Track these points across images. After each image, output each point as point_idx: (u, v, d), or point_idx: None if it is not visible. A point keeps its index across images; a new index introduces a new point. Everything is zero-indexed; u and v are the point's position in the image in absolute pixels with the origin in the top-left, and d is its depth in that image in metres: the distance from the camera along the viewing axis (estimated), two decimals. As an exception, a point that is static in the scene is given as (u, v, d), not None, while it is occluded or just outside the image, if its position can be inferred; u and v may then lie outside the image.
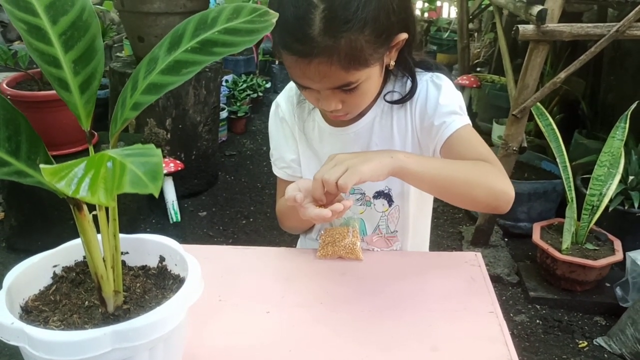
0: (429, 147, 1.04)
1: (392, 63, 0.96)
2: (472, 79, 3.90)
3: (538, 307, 2.20)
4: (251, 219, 2.78)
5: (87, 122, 0.62)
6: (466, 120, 1.01)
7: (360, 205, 1.10)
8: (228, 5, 0.61)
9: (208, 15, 0.61)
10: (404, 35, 0.92)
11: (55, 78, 0.60)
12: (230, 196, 3.01)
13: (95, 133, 2.45)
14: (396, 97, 1.03)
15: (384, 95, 1.04)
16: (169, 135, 2.67)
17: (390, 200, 1.09)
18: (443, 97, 1.01)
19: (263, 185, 3.09)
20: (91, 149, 0.64)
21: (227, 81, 3.85)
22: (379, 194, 1.09)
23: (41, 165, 0.48)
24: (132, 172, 0.41)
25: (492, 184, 0.95)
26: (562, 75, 2.08)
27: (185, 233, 2.63)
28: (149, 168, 0.41)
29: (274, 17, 0.60)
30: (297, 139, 1.13)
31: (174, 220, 2.70)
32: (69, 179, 0.45)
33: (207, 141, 2.92)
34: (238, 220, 2.78)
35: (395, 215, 1.11)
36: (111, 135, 0.63)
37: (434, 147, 1.02)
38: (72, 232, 2.21)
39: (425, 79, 1.03)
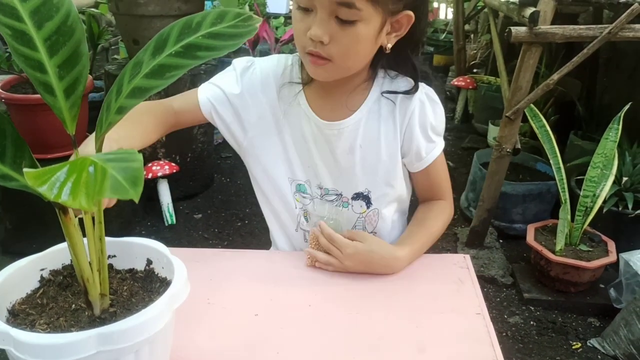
0: (407, 154, 1.06)
1: (389, 46, 0.95)
2: (469, 80, 3.91)
3: (532, 308, 2.20)
4: (246, 221, 2.79)
5: (72, 126, 0.63)
6: (443, 144, 1.11)
7: (337, 205, 1.09)
8: (213, 10, 0.62)
9: (193, 20, 0.61)
10: (409, 14, 0.92)
11: (41, 83, 0.61)
12: (226, 198, 3.01)
13: (89, 135, 2.46)
14: (389, 90, 1.03)
15: (382, 91, 1.03)
16: (164, 138, 2.67)
17: (369, 203, 1.09)
18: (438, 118, 1.07)
19: (259, 187, 3.10)
20: (76, 153, 0.64)
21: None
22: (358, 196, 1.08)
23: (24, 169, 0.48)
24: (112, 177, 0.42)
25: (446, 225, 1.14)
26: (555, 76, 2.09)
27: (181, 235, 2.64)
28: (130, 173, 0.42)
29: (257, 21, 0.61)
30: (262, 116, 1.06)
31: (170, 222, 2.71)
32: (50, 183, 0.46)
33: (203, 143, 2.93)
34: (233, 222, 2.78)
35: (373, 217, 1.11)
36: (96, 139, 0.63)
37: (410, 160, 1.07)
38: (64, 235, 2.12)
39: (420, 88, 1.03)
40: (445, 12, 6.24)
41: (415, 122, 1.03)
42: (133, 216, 2.69)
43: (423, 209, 1.13)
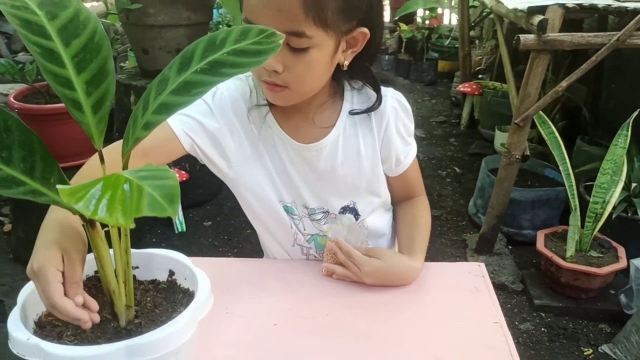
0: (387, 161, 1.07)
1: (346, 63, 0.93)
2: (474, 87, 3.92)
3: (543, 314, 2.20)
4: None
5: (100, 141, 0.64)
6: (415, 143, 1.11)
7: (325, 224, 1.08)
8: (236, 28, 0.63)
9: (217, 37, 0.62)
10: (364, 31, 0.90)
11: (69, 99, 0.62)
12: (235, 205, 2.99)
13: (101, 145, 2.48)
14: (357, 111, 1.02)
15: (351, 111, 1.02)
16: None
17: (356, 214, 1.09)
18: (410, 120, 1.07)
19: (267, 195, 3.11)
20: (103, 168, 0.65)
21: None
22: (345, 209, 1.08)
23: (58, 186, 0.50)
24: (149, 195, 0.43)
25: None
26: (564, 83, 2.10)
27: (191, 243, 2.65)
28: (166, 191, 0.43)
29: (280, 38, 0.62)
30: (240, 142, 1.02)
31: (180, 230, 2.72)
32: (86, 200, 0.47)
33: (212, 151, 2.94)
34: (243, 229, 2.79)
35: (363, 227, 1.10)
36: (123, 155, 0.64)
37: (389, 166, 1.08)
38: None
39: (389, 94, 1.03)
40: (449, 18, 6.25)
41: (392, 130, 1.03)
42: (143, 224, 2.71)
43: (409, 210, 1.14)
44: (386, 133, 1.03)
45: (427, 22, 5.57)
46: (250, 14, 0.85)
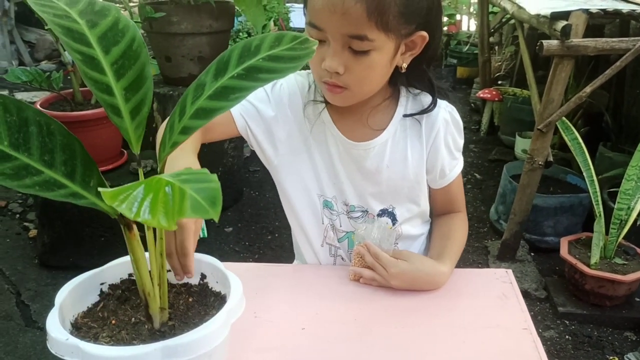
0: (431, 172, 1.08)
1: (404, 66, 0.96)
2: (494, 93, 3.90)
3: (567, 322, 2.18)
4: (276, 234, 2.81)
5: (137, 146, 0.65)
6: (462, 159, 1.12)
7: (362, 222, 1.10)
8: (269, 34, 0.64)
9: (251, 44, 0.63)
10: (423, 34, 0.92)
11: (108, 104, 0.63)
12: (256, 212, 3.04)
13: (125, 152, 2.51)
14: (411, 113, 1.04)
15: (405, 114, 1.04)
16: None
17: (394, 220, 1.10)
18: (460, 135, 1.08)
19: (287, 201, 3.12)
20: (140, 171, 0.66)
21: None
22: (384, 212, 1.10)
23: (100, 189, 0.51)
24: (192, 197, 0.44)
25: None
26: (588, 89, 2.08)
27: (212, 249, 2.66)
28: (209, 194, 0.44)
29: (314, 44, 0.63)
30: (290, 133, 1.07)
31: (202, 236, 2.73)
32: (129, 202, 0.48)
33: (233, 157, 2.96)
34: (264, 235, 2.81)
35: (398, 232, 1.12)
36: (160, 159, 0.66)
37: (434, 177, 1.09)
38: (102, 249, 2.30)
39: (443, 106, 1.05)
40: (467, 25, 6.24)
41: (441, 141, 1.05)
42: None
43: (445, 223, 1.15)
44: (434, 143, 1.05)
45: (445, 28, 5.56)
46: (315, 17, 0.89)
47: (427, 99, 1.04)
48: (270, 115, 1.05)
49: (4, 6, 5.28)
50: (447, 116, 1.05)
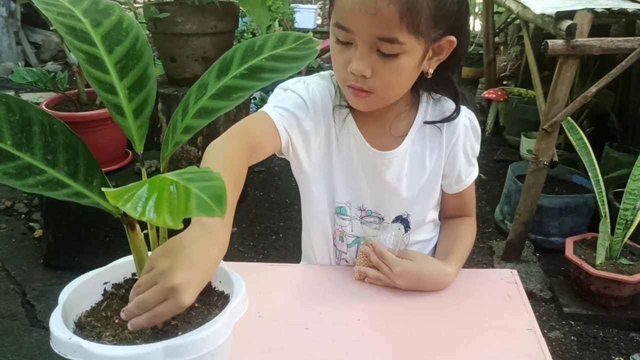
0: (448, 177, 1.08)
1: (430, 71, 0.94)
2: (499, 93, 3.89)
3: (572, 323, 2.17)
4: (281, 235, 2.81)
5: (140, 146, 0.65)
6: (477, 165, 1.12)
7: (375, 228, 1.09)
8: (273, 34, 0.64)
9: (255, 43, 0.63)
10: (451, 39, 0.90)
11: (112, 104, 0.64)
12: (260, 212, 3.04)
13: (130, 152, 2.52)
14: (433, 120, 1.03)
15: (425, 120, 1.03)
16: (200, 153, 2.71)
17: (407, 226, 1.10)
18: (477, 142, 1.08)
19: (291, 201, 3.12)
20: (143, 171, 0.66)
21: (254, 98, 3.91)
22: (397, 219, 1.09)
23: (103, 189, 0.51)
24: (197, 196, 0.44)
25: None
26: (593, 89, 2.07)
27: (216, 249, 2.66)
28: (214, 192, 0.44)
29: (317, 44, 0.63)
30: (321, 141, 1.04)
31: (205, 236, 2.74)
32: (133, 202, 0.48)
33: (237, 158, 2.96)
34: (268, 236, 2.81)
35: (409, 238, 1.11)
36: (162, 159, 0.66)
37: (449, 183, 1.09)
38: (107, 249, 2.30)
39: (463, 112, 1.03)
40: (473, 25, 6.22)
41: (460, 148, 1.05)
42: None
43: (455, 225, 1.14)
44: (453, 149, 1.04)
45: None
46: (343, 18, 0.85)
47: (448, 104, 1.03)
48: (308, 123, 1.00)
49: (10, 7, 5.31)
50: (467, 122, 1.04)
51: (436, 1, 0.85)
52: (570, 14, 2.04)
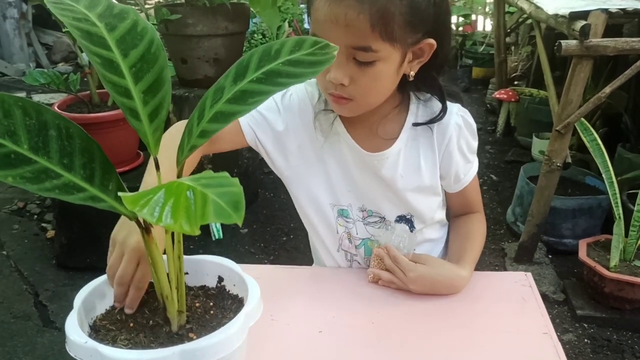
0: (446, 177, 1.07)
1: (412, 74, 0.94)
2: (511, 93, 3.87)
3: (586, 325, 2.15)
4: (291, 236, 2.81)
5: (156, 149, 0.65)
6: (477, 161, 1.11)
7: (379, 228, 1.09)
8: (290, 39, 0.64)
9: (271, 48, 0.63)
10: (431, 42, 0.90)
11: (127, 108, 0.63)
12: (270, 213, 3.04)
13: (141, 153, 2.53)
14: (421, 122, 1.02)
15: (414, 122, 1.02)
16: (211, 154, 2.72)
17: (412, 226, 1.09)
18: (473, 138, 1.07)
19: (302, 202, 3.12)
20: (159, 175, 0.66)
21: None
22: (401, 219, 1.08)
23: (120, 194, 0.51)
24: (214, 202, 0.44)
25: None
26: (607, 90, 2.05)
27: (228, 250, 2.67)
28: (231, 198, 0.43)
29: (334, 50, 0.63)
30: (301, 144, 1.06)
31: (217, 237, 2.75)
32: (150, 207, 0.48)
33: (248, 159, 2.97)
34: (279, 237, 2.81)
35: (415, 239, 1.09)
36: (178, 163, 0.66)
37: (448, 183, 1.08)
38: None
39: (455, 111, 1.02)
40: (483, 25, 6.20)
41: (454, 147, 1.03)
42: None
43: (464, 224, 1.14)
44: (447, 149, 1.03)
45: (461, 29, 5.53)
46: (318, 29, 0.88)
47: (437, 105, 1.02)
48: (279, 125, 1.03)
49: (21, 9, 5.35)
50: (459, 121, 1.03)
51: (409, 7, 0.85)
52: (584, 14, 2.02)
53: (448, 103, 1.01)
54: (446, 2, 0.92)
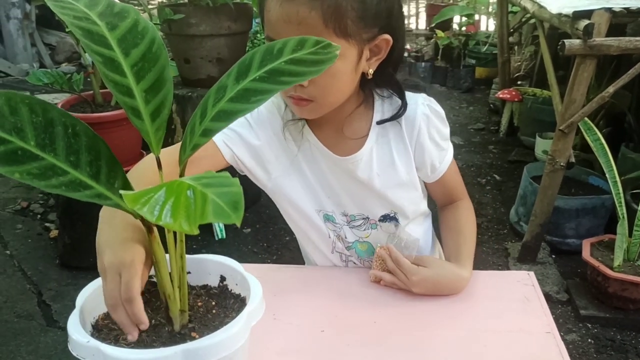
0: (422, 168, 1.05)
1: (370, 72, 0.93)
2: (514, 93, 3.86)
3: (589, 325, 2.15)
4: (294, 236, 2.78)
5: (158, 148, 0.65)
6: (452, 147, 1.09)
7: (365, 230, 1.08)
8: (292, 38, 0.64)
9: (274, 47, 0.63)
10: (387, 37, 0.90)
11: (129, 107, 0.63)
12: (273, 213, 3.04)
13: (145, 153, 2.53)
14: (384, 119, 1.01)
15: (378, 121, 1.01)
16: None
17: (396, 223, 1.08)
18: (444, 124, 1.05)
19: (305, 202, 3.12)
20: (161, 174, 0.66)
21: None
22: (385, 218, 1.07)
23: (121, 191, 0.51)
24: (214, 202, 0.44)
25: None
26: (611, 89, 2.05)
27: (231, 250, 2.67)
28: (231, 198, 0.43)
29: (336, 49, 0.62)
30: (277, 154, 1.04)
31: (220, 237, 2.75)
32: (150, 206, 0.48)
33: (251, 159, 2.97)
34: (281, 236, 2.81)
35: (402, 234, 1.08)
36: (181, 162, 0.66)
37: (425, 173, 1.06)
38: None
39: (420, 101, 1.01)
40: (486, 24, 6.19)
41: (425, 137, 1.02)
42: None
43: (452, 216, 1.12)
44: (418, 141, 1.02)
45: (464, 28, 5.52)
46: (272, 30, 0.87)
47: (399, 99, 1.01)
48: (254, 139, 1.02)
49: (25, 9, 5.36)
50: (426, 110, 1.01)
51: (360, 2, 0.85)
52: (587, 14, 2.01)
53: (412, 94, 1.01)
54: (398, 0, 0.92)
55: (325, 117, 0.97)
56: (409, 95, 1.01)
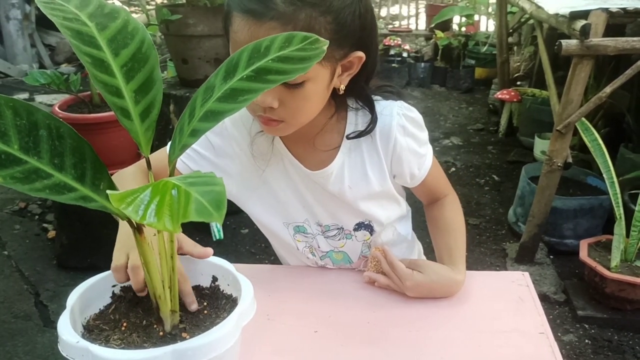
0: (401, 177, 1.04)
1: (342, 87, 0.90)
2: (513, 93, 3.86)
3: (587, 326, 2.14)
4: (292, 236, 2.80)
5: (147, 149, 0.65)
6: (431, 150, 1.06)
7: (340, 239, 1.07)
8: (280, 35, 0.63)
9: (261, 44, 0.63)
10: (360, 54, 0.87)
11: (118, 107, 0.63)
12: (272, 214, 3.04)
13: (142, 154, 2.53)
14: (354, 135, 0.98)
15: (348, 135, 0.98)
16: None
17: (372, 231, 1.07)
18: (421, 130, 1.02)
19: (303, 203, 3.12)
20: (151, 175, 0.66)
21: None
22: (360, 226, 1.06)
23: (108, 191, 0.51)
24: (197, 200, 0.44)
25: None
26: (608, 89, 2.05)
27: (228, 250, 2.67)
28: (213, 197, 0.43)
29: (324, 44, 0.62)
30: (241, 169, 1.03)
31: (217, 237, 2.75)
32: (135, 205, 0.48)
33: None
34: (279, 237, 2.80)
35: (377, 241, 1.08)
36: (170, 162, 0.66)
37: (405, 181, 1.04)
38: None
39: (395, 111, 0.98)
40: (486, 25, 6.18)
41: (402, 149, 0.99)
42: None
43: (439, 214, 1.11)
44: (395, 152, 0.99)
45: (463, 29, 5.52)
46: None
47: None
48: (213, 155, 1.01)
49: (25, 10, 5.37)
50: (401, 121, 0.98)
51: (334, 23, 0.82)
52: (584, 14, 2.01)
53: (388, 103, 0.98)
54: (371, 13, 0.89)
55: (297, 130, 0.94)
56: (384, 104, 0.98)
